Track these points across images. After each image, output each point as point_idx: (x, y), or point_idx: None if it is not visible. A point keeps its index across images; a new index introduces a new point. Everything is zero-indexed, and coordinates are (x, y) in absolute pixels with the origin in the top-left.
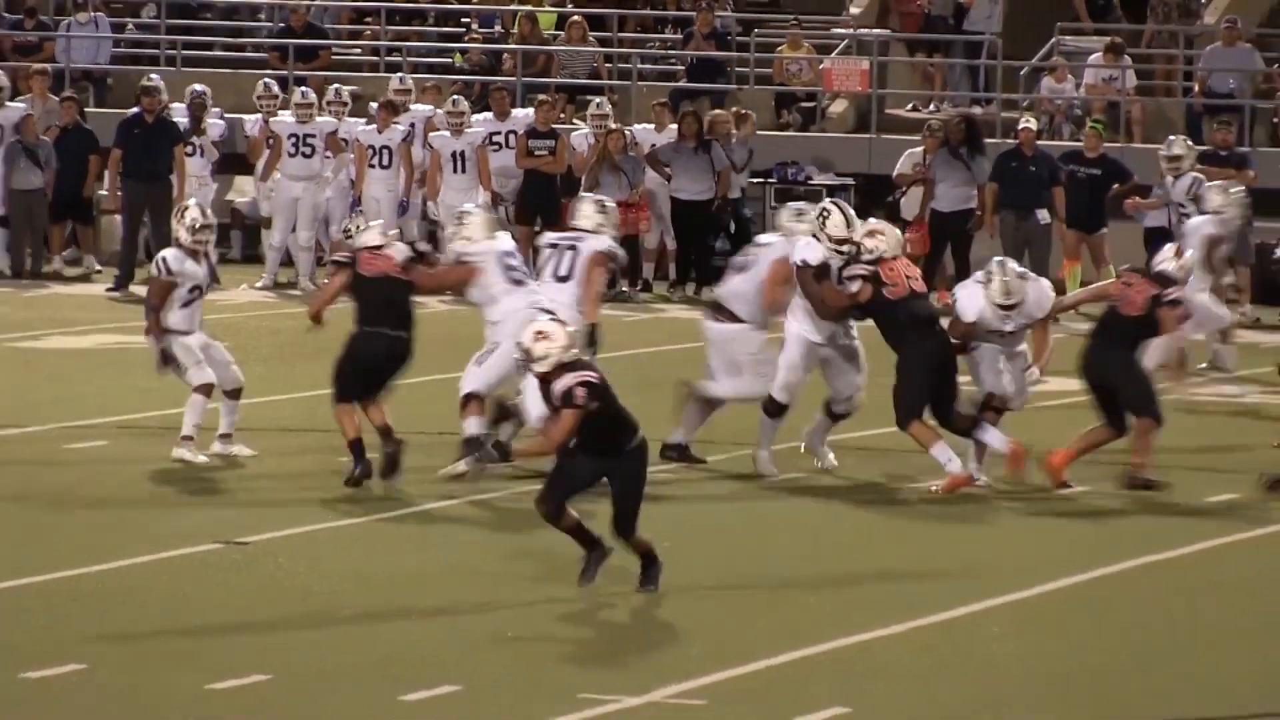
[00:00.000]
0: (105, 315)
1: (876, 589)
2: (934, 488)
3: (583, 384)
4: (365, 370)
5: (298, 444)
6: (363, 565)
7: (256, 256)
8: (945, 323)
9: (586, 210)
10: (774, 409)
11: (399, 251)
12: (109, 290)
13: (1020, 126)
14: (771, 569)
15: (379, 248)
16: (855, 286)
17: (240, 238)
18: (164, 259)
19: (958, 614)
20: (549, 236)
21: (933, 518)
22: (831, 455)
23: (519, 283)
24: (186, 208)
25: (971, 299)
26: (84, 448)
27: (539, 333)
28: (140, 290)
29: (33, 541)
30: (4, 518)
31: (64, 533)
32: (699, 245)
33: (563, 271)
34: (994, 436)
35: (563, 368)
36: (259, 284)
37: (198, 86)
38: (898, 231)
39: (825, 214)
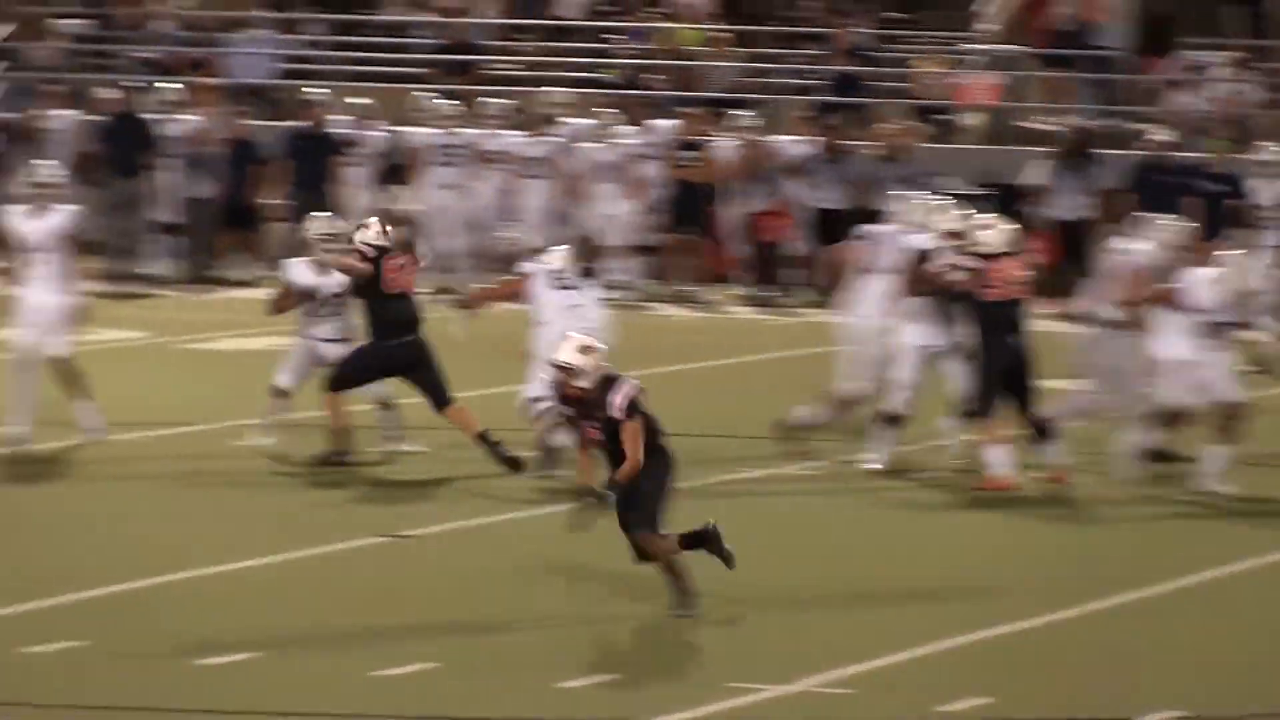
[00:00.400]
0: (271, 319)
1: (1010, 585)
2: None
3: (639, 391)
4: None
5: (453, 440)
6: (521, 558)
7: None
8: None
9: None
10: (891, 420)
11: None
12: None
13: (1152, 138)
14: (908, 566)
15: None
16: (957, 276)
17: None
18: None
19: (1090, 609)
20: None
21: (1055, 519)
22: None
23: (565, 289)
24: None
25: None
26: (248, 445)
27: (584, 347)
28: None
29: (205, 535)
30: (179, 512)
31: (235, 526)
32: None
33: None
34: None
35: (606, 381)
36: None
37: (360, 100)
38: (1012, 229)
39: (938, 209)
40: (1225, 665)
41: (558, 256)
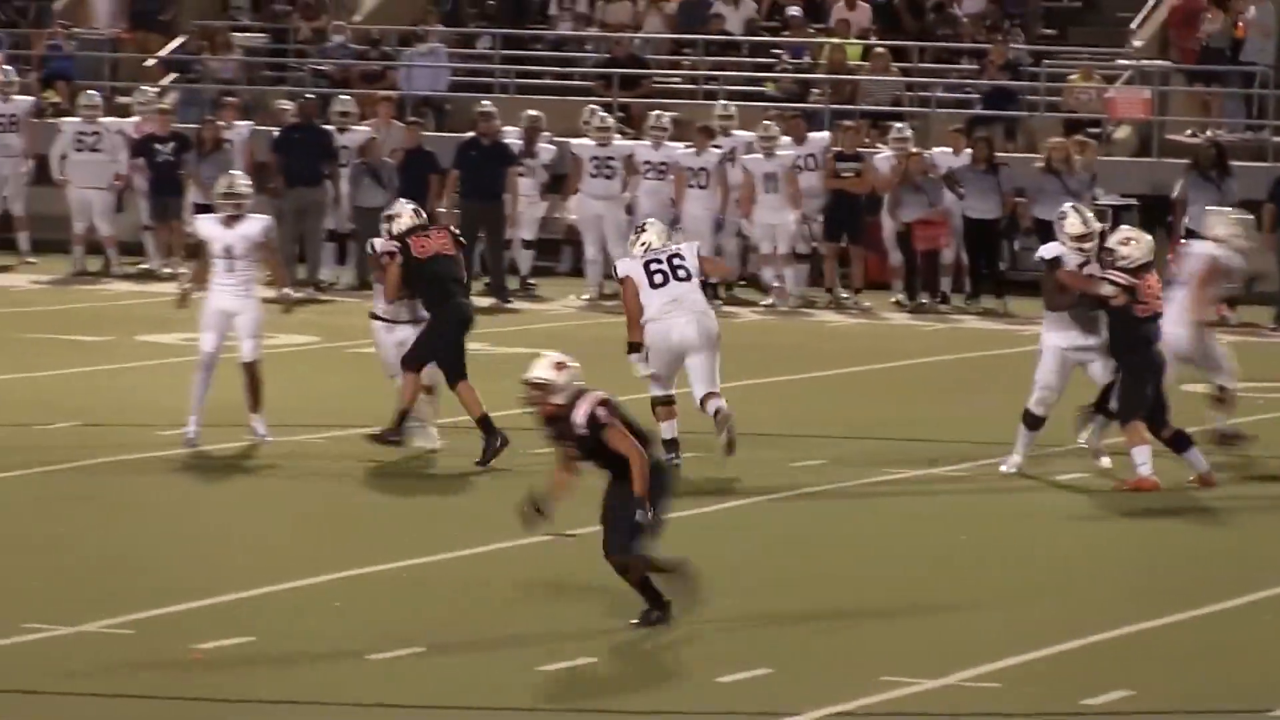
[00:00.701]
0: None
1: (1150, 581)
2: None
3: (600, 403)
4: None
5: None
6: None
7: (582, 270)
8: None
9: None
10: (1031, 422)
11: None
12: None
13: None
14: (1049, 565)
15: (424, 229)
16: (1109, 290)
17: (570, 253)
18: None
19: (1230, 605)
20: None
21: (1195, 519)
22: (1106, 458)
23: (660, 285)
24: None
25: None
26: (429, 446)
27: (558, 363)
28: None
29: (378, 533)
30: (351, 510)
31: (407, 522)
32: (988, 261)
33: (680, 274)
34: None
35: (574, 397)
36: (585, 296)
37: (531, 112)
38: (1150, 238)
39: (1063, 216)
40: None
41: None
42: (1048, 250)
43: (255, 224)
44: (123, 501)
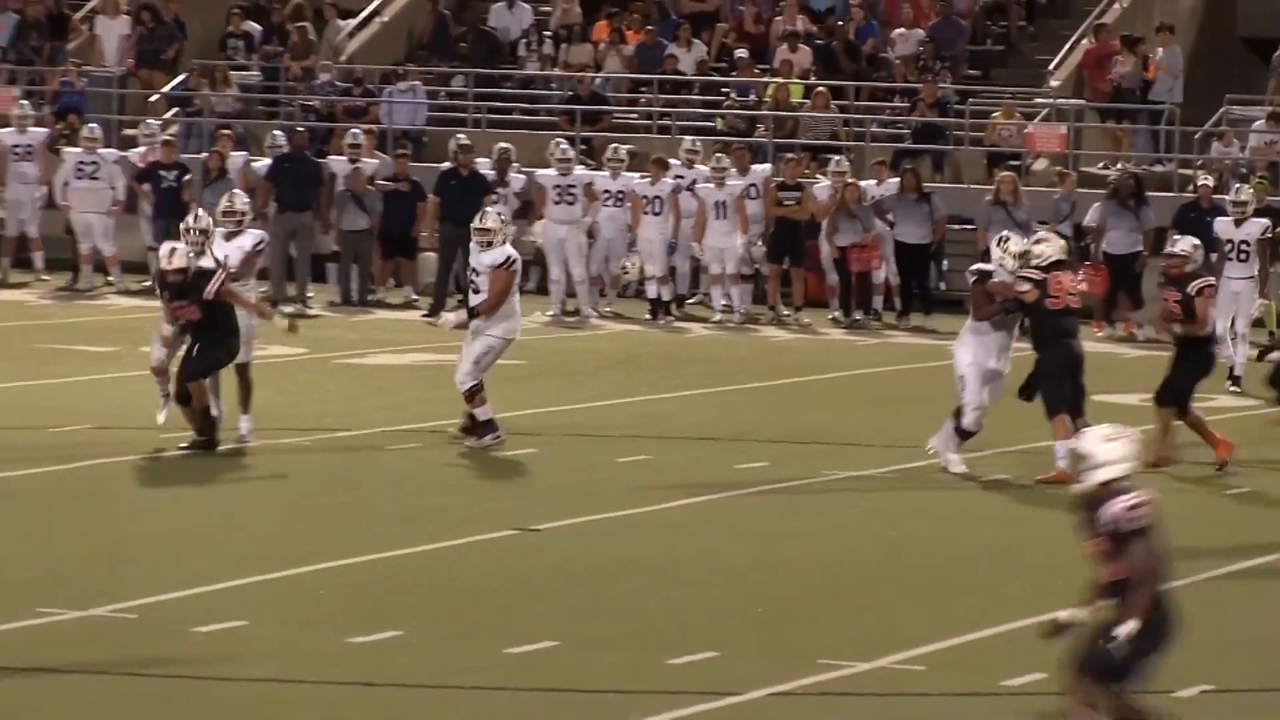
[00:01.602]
0: (421, 338)
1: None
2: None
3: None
4: None
5: (579, 446)
6: (632, 549)
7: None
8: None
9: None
10: (965, 436)
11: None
12: (424, 316)
13: (1199, 183)
14: (969, 556)
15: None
16: (1024, 287)
17: (537, 273)
18: None
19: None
20: None
21: None
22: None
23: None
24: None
25: None
26: (403, 449)
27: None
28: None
29: (362, 526)
30: (336, 507)
31: (387, 518)
32: (919, 281)
33: None
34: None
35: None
36: (549, 313)
37: (501, 145)
38: (1061, 240)
39: (1006, 239)
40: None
41: None
42: (980, 266)
43: (249, 237)
44: (128, 497)
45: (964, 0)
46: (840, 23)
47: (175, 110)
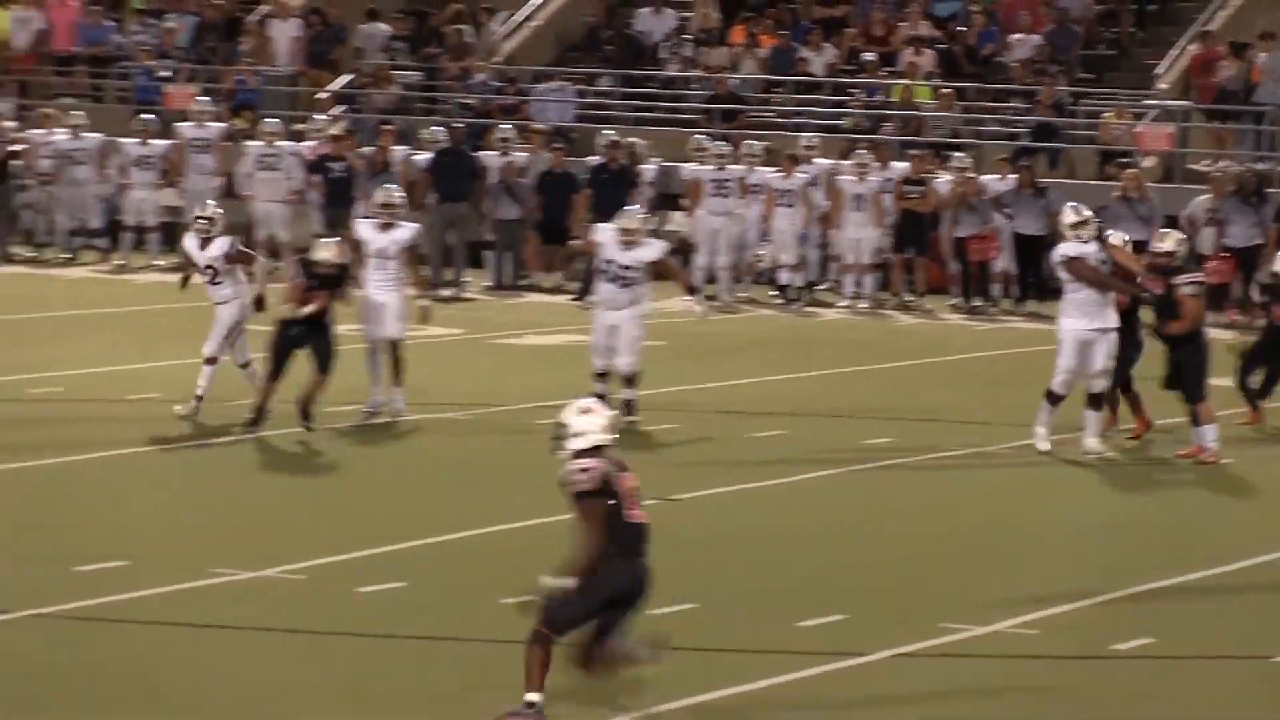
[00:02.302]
0: (569, 320)
1: (1168, 543)
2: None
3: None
4: None
5: (716, 421)
6: (765, 518)
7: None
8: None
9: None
10: (1053, 399)
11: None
12: (573, 300)
13: None
14: (1081, 527)
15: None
16: (1190, 290)
17: (678, 260)
18: None
19: (1242, 565)
20: None
21: (1190, 484)
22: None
23: None
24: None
25: None
26: (549, 423)
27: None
28: None
29: (512, 494)
30: (486, 476)
31: (534, 488)
32: (1034, 271)
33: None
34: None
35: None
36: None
37: (633, 139)
38: (1179, 234)
39: (1061, 212)
40: None
41: None
42: (1065, 249)
43: (406, 231)
44: (290, 466)
45: (1078, 7)
46: (962, 28)
47: (342, 107)
